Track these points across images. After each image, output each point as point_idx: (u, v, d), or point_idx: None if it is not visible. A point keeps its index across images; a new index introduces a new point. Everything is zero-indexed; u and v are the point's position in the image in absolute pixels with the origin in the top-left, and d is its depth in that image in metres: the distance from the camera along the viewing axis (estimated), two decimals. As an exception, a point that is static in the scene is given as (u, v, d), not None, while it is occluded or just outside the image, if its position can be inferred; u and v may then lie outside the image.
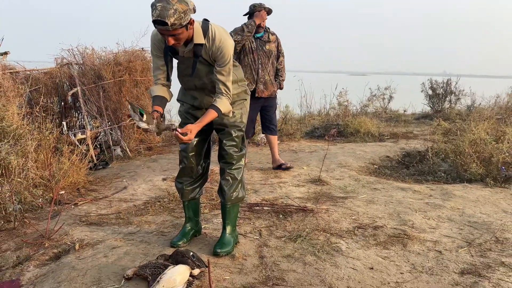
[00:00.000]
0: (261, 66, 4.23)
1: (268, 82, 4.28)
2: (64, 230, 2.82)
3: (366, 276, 2.13)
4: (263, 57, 4.24)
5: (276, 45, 4.37)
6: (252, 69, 4.22)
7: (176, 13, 1.91)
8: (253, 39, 4.23)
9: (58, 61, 6.02)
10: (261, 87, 4.25)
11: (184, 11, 1.94)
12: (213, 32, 2.15)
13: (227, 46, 2.16)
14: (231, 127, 2.41)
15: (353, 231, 2.72)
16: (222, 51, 2.15)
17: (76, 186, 3.97)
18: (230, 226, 2.49)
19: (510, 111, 7.96)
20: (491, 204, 3.28)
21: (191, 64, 2.24)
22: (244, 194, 2.51)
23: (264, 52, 4.25)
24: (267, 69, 4.27)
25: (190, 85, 2.38)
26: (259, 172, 4.39)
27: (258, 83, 4.24)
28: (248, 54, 4.22)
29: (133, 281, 2.07)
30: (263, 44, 4.26)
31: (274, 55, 4.34)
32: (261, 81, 4.25)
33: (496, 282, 2.09)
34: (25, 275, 2.27)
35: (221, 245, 2.40)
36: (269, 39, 4.28)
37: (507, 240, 2.57)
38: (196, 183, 2.56)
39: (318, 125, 7.63)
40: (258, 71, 4.23)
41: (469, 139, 4.12)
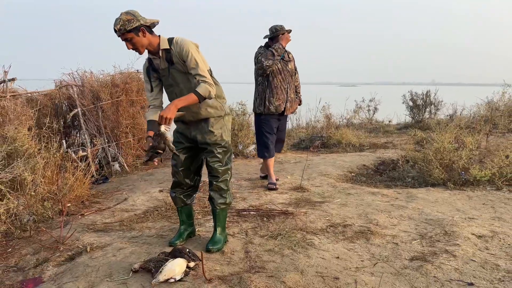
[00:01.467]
0: (288, 85, 4.45)
1: (292, 99, 4.54)
2: (75, 236, 3.23)
3: (332, 264, 2.58)
4: (288, 76, 4.45)
5: (294, 63, 4.60)
6: (282, 89, 4.41)
7: (121, 21, 2.54)
8: (279, 60, 4.40)
9: (57, 83, 6.48)
10: (288, 105, 4.48)
11: (128, 20, 2.54)
12: (176, 39, 2.68)
13: (188, 44, 2.64)
14: (212, 146, 2.84)
15: (326, 229, 3.18)
16: (183, 48, 2.63)
17: (80, 199, 4.38)
18: (220, 227, 2.93)
19: (480, 121, 8.51)
20: (448, 204, 3.77)
21: (167, 72, 2.73)
22: (231, 200, 2.96)
23: (288, 72, 4.45)
24: (291, 87, 4.51)
25: (173, 96, 2.82)
26: (248, 182, 4.84)
27: (287, 101, 4.46)
28: (276, 75, 4.38)
29: (140, 273, 2.49)
30: (286, 64, 4.45)
31: (295, 73, 4.62)
32: (289, 99, 4.47)
33: (438, 265, 2.55)
34: (46, 273, 2.68)
35: (213, 243, 2.85)
36: (289, 58, 4.50)
37: (454, 233, 3.04)
38: (187, 192, 3.01)
39: (304, 137, 8.11)
40: (287, 91, 4.44)
41: (434, 148, 4.61)
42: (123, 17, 2.56)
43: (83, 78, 6.36)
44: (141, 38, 2.61)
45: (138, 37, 2.60)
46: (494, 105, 9.79)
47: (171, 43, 2.68)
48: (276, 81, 4.38)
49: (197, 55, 2.66)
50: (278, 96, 4.38)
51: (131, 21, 2.55)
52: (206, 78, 2.62)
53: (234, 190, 4.44)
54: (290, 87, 4.47)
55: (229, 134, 2.93)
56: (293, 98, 4.53)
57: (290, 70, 4.46)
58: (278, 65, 4.37)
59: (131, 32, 2.57)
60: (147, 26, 2.63)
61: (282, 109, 4.42)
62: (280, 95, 4.39)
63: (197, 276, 2.43)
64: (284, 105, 4.44)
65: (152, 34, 2.66)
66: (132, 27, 2.56)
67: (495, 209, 3.65)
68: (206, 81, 2.62)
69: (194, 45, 2.69)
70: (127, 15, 2.57)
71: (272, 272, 2.47)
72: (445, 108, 10.57)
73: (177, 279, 2.38)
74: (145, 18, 2.64)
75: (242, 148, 6.53)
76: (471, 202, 3.85)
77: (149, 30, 2.65)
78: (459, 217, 3.41)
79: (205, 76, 2.62)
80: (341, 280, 2.38)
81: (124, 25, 2.54)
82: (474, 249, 2.80)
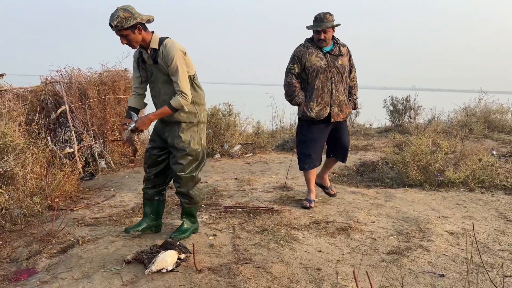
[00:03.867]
0: (335, 85, 3.65)
1: (343, 103, 3.71)
2: (66, 230, 3.31)
3: (315, 256, 2.76)
4: (335, 74, 3.65)
5: (348, 58, 3.78)
6: (325, 91, 3.64)
7: (118, 18, 2.61)
8: (322, 55, 3.65)
9: (43, 79, 6.50)
10: (335, 110, 3.68)
11: (125, 17, 2.62)
12: (166, 42, 2.78)
13: (174, 50, 2.73)
14: (176, 151, 2.88)
15: (309, 225, 3.36)
16: (169, 53, 2.73)
17: (69, 195, 4.44)
18: (188, 221, 3.08)
19: (457, 126, 8.86)
20: (424, 203, 4.00)
21: (151, 69, 2.86)
22: (198, 200, 3.05)
23: (337, 69, 3.65)
24: (341, 88, 3.69)
25: (152, 92, 2.95)
26: (234, 181, 4.98)
27: (333, 105, 3.66)
28: (318, 74, 3.62)
29: (132, 264, 2.61)
30: (335, 59, 3.67)
31: (347, 70, 3.74)
32: (336, 102, 3.67)
33: (413, 259, 2.75)
34: (39, 265, 2.77)
35: (178, 232, 3.02)
36: (340, 52, 3.69)
37: (428, 230, 3.25)
38: (156, 189, 3.11)
39: (288, 138, 8.29)
40: (332, 92, 3.65)
41: (411, 151, 4.85)
42: (121, 14, 2.62)
43: (70, 75, 6.39)
44: (136, 35, 2.71)
45: (134, 34, 2.70)
46: (471, 111, 10.19)
47: (160, 44, 2.77)
48: (318, 82, 3.63)
49: (181, 63, 2.74)
50: (319, 100, 3.63)
51: (129, 19, 2.64)
52: (183, 89, 2.73)
53: (221, 188, 4.58)
54: (338, 87, 3.67)
55: (200, 143, 2.96)
56: (342, 101, 3.70)
57: (339, 66, 3.66)
58: (322, 61, 3.62)
59: (127, 29, 2.66)
60: (143, 23, 2.73)
61: (325, 115, 3.65)
62: (322, 99, 3.63)
63: (188, 267, 2.56)
64: (328, 109, 3.65)
65: (146, 31, 2.76)
66: (129, 25, 2.65)
67: (467, 208, 3.89)
68: (181, 91, 2.73)
69: (181, 52, 2.77)
70: (125, 12, 2.63)
71: (259, 264, 2.62)
72: (424, 113, 10.89)
73: (169, 270, 2.51)
74: (141, 15, 2.72)
75: (228, 148, 6.67)
76: (445, 202, 4.08)
77: (144, 26, 2.75)
78: (434, 215, 3.64)
79: (182, 87, 2.73)
80: (323, 271, 2.55)
81: (122, 22, 2.62)
82: (446, 245, 3.01)
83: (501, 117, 9.79)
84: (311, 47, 3.69)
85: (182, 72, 2.74)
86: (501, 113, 9.88)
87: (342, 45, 3.75)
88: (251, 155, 6.74)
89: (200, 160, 2.99)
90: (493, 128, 9.10)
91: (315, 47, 3.68)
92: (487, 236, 3.20)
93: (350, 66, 3.81)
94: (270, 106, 9.79)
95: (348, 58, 3.77)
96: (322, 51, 3.66)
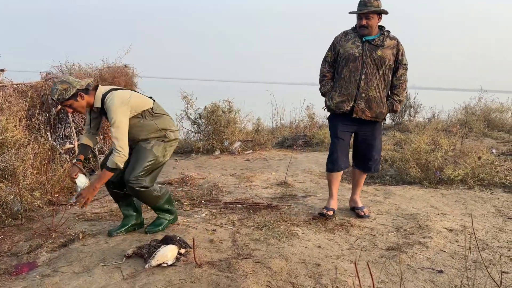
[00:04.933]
0: (365, 77, 3.24)
1: (373, 99, 3.26)
2: (66, 224, 3.33)
3: (314, 252, 2.77)
4: (370, 65, 3.24)
5: (395, 52, 3.32)
6: (351, 81, 3.27)
7: (58, 92, 2.74)
8: (360, 42, 3.28)
9: (43, 75, 6.50)
10: (362, 105, 3.26)
11: (64, 89, 2.74)
12: (106, 99, 2.82)
13: (113, 106, 2.75)
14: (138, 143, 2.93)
15: (309, 222, 3.37)
16: (109, 109, 2.78)
17: (69, 190, 4.45)
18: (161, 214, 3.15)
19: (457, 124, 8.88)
20: (423, 201, 4.02)
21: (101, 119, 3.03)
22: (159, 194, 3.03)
23: (373, 59, 3.24)
24: (374, 82, 3.25)
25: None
26: (234, 178, 4.99)
27: (358, 99, 3.26)
28: (348, 63, 3.28)
29: (133, 258, 2.62)
30: (373, 49, 3.25)
31: (388, 64, 3.27)
32: (363, 97, 3.26)
33: (411, 255, 2.76)
34: (40, 258, 2.78)
35: (152, 226, 3.11)
36: (382, 43, 3.26)
37: (427, 227, 3.27)
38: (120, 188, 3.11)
39: (288, 136, 8.31)
40: (360, 84, 3.25)
41: (411, 149, 4.86)
42: (59, 87, 2.75)
43: (71, 71, 6.40)
44: (79, 101, 2.82)
45: (77, 101, 2.81)
46: (471, 109, 10.21)
47: (103, 101, 2.82)
48: (346, 70, 3.29)
49: (119, 118, 2.75)
50: (343, 91, 3.30)
51: (68, 90, 2.75)
52: (118, 146, 2.76)
53: (220, 184, 4.59)
54: (370, 80, 3.24)
55: (163, 153, 2.96)
56: (373, 97, 3.26)
57: (376, 58, 3.24)
58: (356, 49, 3.27)
59: (69, 99, 2.78)
60: (83, 89, 2.81)
61: (347, 109, 3.30)
62: (346, 89, 3.28)
63: (188, 262, 2.57)
64: (351, 103, 3.28)
65: (88, 94, 2.84)
66: (69, 95, 2.76)
67: (466, 206, 3.91)
68: (116, 148, 2.76)
69: (121, 105, 2.78)
70: (63, 84, 2.76)
71: (259, 259, 2.63)
72: (424, 111, 10.92)
73: (169, 264, 2.52)
74: (80, 82, 2.83)
75: (228, 145, 6.68)
76: (444, 200, 4.10)
77: (85, 91, 2.83)
78: (433, 212, 3.65)
79: (118, 144, 2.75)
80: (322, 267, 2.56)
81: (62, 94, 2.75)
82: (445, 241, 3.02)
83: (501, 116, 9.81)
84: (352, 34, 3.35)
85: (117, 127, 2.76)
86: (501, 112, 9.91)
87: (391, 37, 3.32)
88: (251, 152, 6.75)
89: (156, 169, 2.97)
90: (493, 126, 9.13)
91: (355, 35, 3.32)
92: (486, 233, 3.21)
93: (398, 62, 3.35)
94: (270, 103, 9.81)
95: (393, 52, 3.31)
96: (361, 39, 3.28)
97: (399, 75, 3.36)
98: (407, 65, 3.38)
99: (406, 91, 3.42)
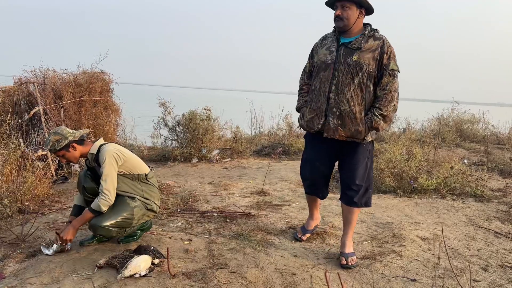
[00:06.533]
0: (335, 87, 2.66)
1: (346, 115, 2.65)
2: (36, 234, 3.22)
3: (290, 261, 2.77)
4: (342, 74, 2.65)
5: (377, 55, 2.64)
6: (320, 93, 2.72)
7: (50, 143, 2.82)
8: (335, 47, 2.73)
9: (16, 80, 6.33)
10: (332, 122, 2.67)
11: (56, 140, 2.82)
12: (102, 149, 2.87)
13: (106, 154, 2.82)
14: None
15: (285, 231, 3.37)
16: (102, 156, 2.84)
17: (40, 198, 4.32)
18: None
19: (430, 135, 9.10)
20: (397, 210, 4.08)
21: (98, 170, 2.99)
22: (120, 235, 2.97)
23: (347, 66, 2.64)
24: (346, 93, 2.64)
25: None
26: (211, 186, 4.95)
27: (329, 115, 2.68)
28: (319, 72, 2.76)
29: (105, 269, 2.55)
30: (349, 53, 2.66)
31: (366, 71, 2.63)
32: (334, 112, 2.66)
33: (386, 264, 2.79)
34: (7, 269, 2.67)
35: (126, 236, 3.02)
36: (359, 46, 2.65)
37: (401, 235, 3.32)
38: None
39: (266, 144, 8.32)
40: (330, 97, 2.67)
41: (386, 158, 4.95)
42: (52, 138, 2.83)
43: (45, 76, 6.25)
44: (72, 152, 2.88)
45: (69, 152, 2.87)
46: (444, 120, 10.49)
47: (98, 152, 2.90)
48: (317, 81, 2.77)
49: (111, 170, 2.82)
50: (313, 105, 2.77)
51: (60, 141, 2.82)
52: (104, 189, 2.79)
53: (197, 192, 4.55)
54: (342, 92, 2.65)
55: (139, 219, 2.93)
56: (346, 112, 2.64)
57: (351, 64, 2.63)
58: (329, 55, 2.73)
59: (61, 150, 2.85)
60: (77, 140, 2.86)
61: (318, 127, 2.74)
62: (315, 104, 2.75)
63: (162, 272, 2.53)
64: (321, 120, 2.72)
65: (83, 145, 2.91)
66: (61, 146, 2.83)
67: (439, 215, 3.99)
68: (102, 191, 2.79)
69: (114, 156, 2.85)
70: (55, 135, 2.84)
71: (234, 269, 2.61)
72: (399, 122, 11.16)
73: (142, 275, 2.47)
74: (74, 133, 2.88)
75: (206, 153, 6.64)
76: (418, 209, 4.18)
77: (80, 142, 2.89)
78: (407, 221, 3.71)
79: (105, 187, 2.80)
80: (298, 276, 2.56)
81: (54, 145, 2.83)
82: (419, 250, 3.07)
83: (473, 127, 10.12)
84: (330, 37, 2.82)
85: (108, 173, 2.82)
86: (473, 123, 10.22)
87: (375, 37, 2.68)
88: (229, 160, 6.73)
89: (126, 227, 2.93)
90: (465, 137, 9.40)
91: (333, 38, 2.78)
92: (457, 242, 3.29)
93: (382, 67, 2.66)
94: (249, 111, 9.83)
95: (375, 56, 2.64)
96: (338, 42, 2.73)
97: (383, 84, 2.65)
98: (395, 70, 2.66)
99: (393, 103, 2.67)
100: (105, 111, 6.68)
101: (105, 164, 2.82)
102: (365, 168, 2.77)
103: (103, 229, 2.81)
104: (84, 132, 2.98)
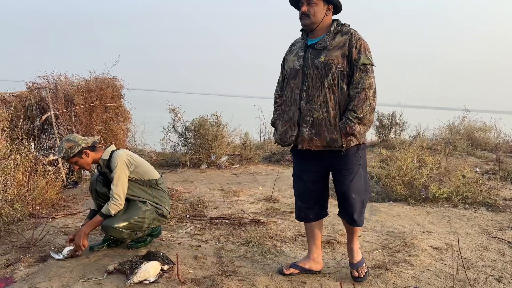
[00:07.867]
0: (306, 94, 2.42)
1: (319, 122, 2.40)
2: (47, 238, 3.24)
3: (300, 269, 2.73)
4: (312, 78, 2.41)
5: (346, 51, 2.38)
6: (291, 103, 2.50)
7: (63, 150, 2.85)
8: (303, 51, 2.50)
9: (29, 85, 6.42)
10: (306, 132, 2.43)
11: (69, 147, 2.85)
12: (115, 155, 2.93)
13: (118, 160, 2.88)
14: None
15: (295, 238, 3.34)
16: (114, 162, 2.89)
17: (51, 202, 4.35)
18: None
19: (441, 142, 9.00)
20: (408, 218, 4.03)
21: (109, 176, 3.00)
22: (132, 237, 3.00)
23: (316, 69, 2.40)
24: (318, 99, 2.39)
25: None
26: (220, 192, 4.95)
27: (302, 125, 2.44)
28: (289, 80, 2.53)
29: (114, 275, 2.55)
30: (316, 54, 2.43)
31: (336, 71, 2.37)
32: (307, 121, 2.42)
33: (397, 273, 2.75)
34: (18, 273, 2.68)
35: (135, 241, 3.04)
36: (326, 44, 2.42)
37: (413, 245, 3.27)
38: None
39: (275, 150, 8.30)
40: (301, 105, 2.44)
41: (397, 166, 4.90)
42: (65, 145, 2.86)
43: (57, 82, 6.33)
44: (85, 159, 2.92)
45: (82, 159, 2.91)
46: (455, 128, 10.38)
47: (110, 158, 2.95)
48: (288, 90, 2.54)
49: (122, 175, 2.88)
50: (285, 117, 2.54)
51: (73, 148, 2.86)
52: (115, 193, 2.84)
53: (206, 199, 4.54)
54: (313, 98, 2.40)
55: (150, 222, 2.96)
56: (319, 119, 2.40)
57: (319, 65, 2.39)
58: (297, 61, 2.50)
59: (75, 157, 2.89)
60: (89, 146, 2.91)
61: (292, 140, 2.50)
62: (287, 115, 2.53)
63: (171, 279, 2.51)
64: (295, 132, 2.48)
65: (95, 151, 2.96)
66: (74, 153, 2.86)
67: (451, 224, 3.93)
68: (113, 195, 2.84)
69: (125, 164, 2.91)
70: (68, 142, 2.87)
71: (244, 276, 2.59)
72: (409, 129, 11.07)
73: (151, 281, 2.46)
74: (86, 140, 2.93)
75: (215, 159, 6.64)
76: (430, 217, 4.12)
77: (92, 148, 2.94)
78: (418, 230, 3.66)
79: (116, 191, 2.85)
80: (308, 284, 2.53)
81: (67, 152, 2.86)
82: (431, 260, 3.02)
83: (484, 135, 9.99)
84: (299, 42, 2.61)
85: (119, 177, 2.87)
86: (484, 131, 10.09)
87: (343, 32, 2.43)
88: (238, 166, 6.73)
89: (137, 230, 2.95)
90: (476, 145, 9.28)
91: (302, 43, 2.56)
92: (470, 252, 3.23)
93: (353, 62, 2.37)
94: (258, 118, 9.83)
95: (344, 52, 2.38)
96: (306, 43, 2.51)
97: (355, 81, 2.35)
98: (367, 65, 2.36)
99: (369, 102, 2.34)
100: (115, 116, 6.74)
101: (116, 170, 2.86)
102: (358, 179, 2.48)
103: (115, 230, 2.82)
104: (96, 139, 3.02)
